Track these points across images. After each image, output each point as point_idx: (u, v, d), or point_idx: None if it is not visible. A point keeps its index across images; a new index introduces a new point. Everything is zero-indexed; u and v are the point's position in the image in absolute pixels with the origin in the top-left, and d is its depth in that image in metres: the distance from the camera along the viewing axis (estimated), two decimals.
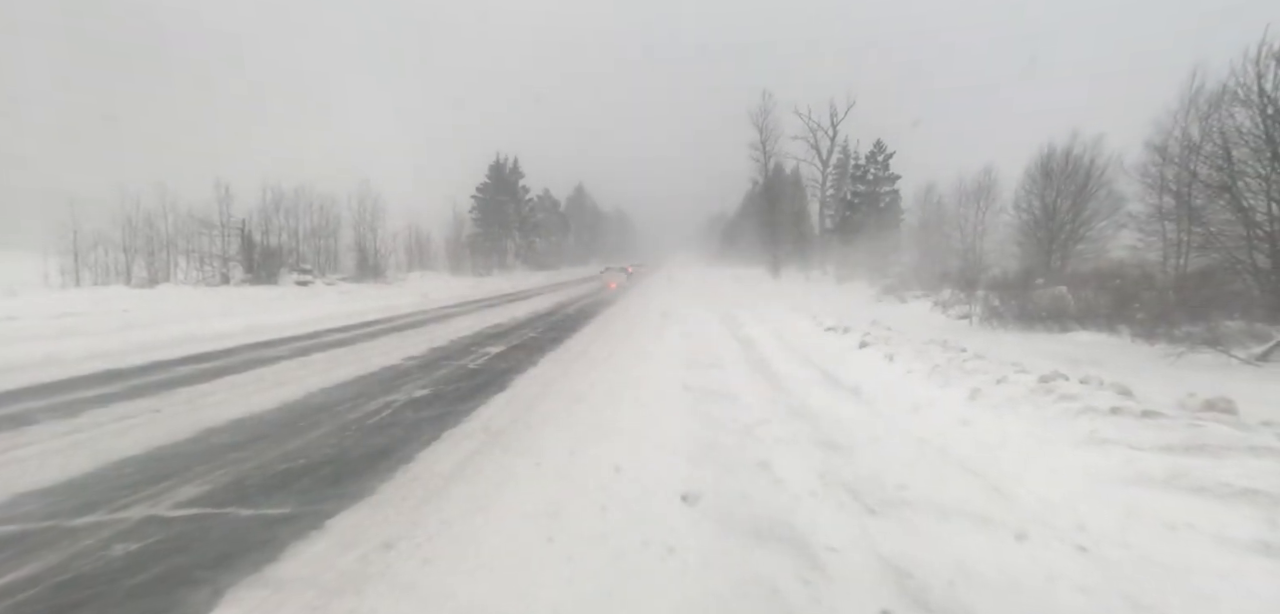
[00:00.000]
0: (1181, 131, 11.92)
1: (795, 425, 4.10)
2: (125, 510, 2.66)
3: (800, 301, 15.08)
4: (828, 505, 2.75)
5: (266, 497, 2.84)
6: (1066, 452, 3.18)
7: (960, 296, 11.94)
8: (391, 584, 2.06)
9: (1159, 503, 2.56)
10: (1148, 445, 2.97)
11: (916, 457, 3.42)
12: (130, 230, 20.49)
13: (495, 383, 5.57)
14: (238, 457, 3.40)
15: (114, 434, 3.81)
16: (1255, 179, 8.04)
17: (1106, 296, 8.57)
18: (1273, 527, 2.27)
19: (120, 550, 2.31)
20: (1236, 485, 2.49)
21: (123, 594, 2.03)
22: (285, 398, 4.85)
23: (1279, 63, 7.88)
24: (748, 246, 45.55)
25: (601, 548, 2.30)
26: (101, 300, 13.58)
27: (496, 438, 3.80)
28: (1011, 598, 1.98)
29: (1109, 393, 3.72)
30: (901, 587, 2.06)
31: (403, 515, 2.62)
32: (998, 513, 2.62)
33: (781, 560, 2.23)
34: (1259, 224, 7.89)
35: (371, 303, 15.69)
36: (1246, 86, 8.20)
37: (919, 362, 5.62)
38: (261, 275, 21.92)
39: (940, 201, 23.85)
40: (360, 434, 3.88)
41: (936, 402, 4.50)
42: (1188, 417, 3.24)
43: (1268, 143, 7.83)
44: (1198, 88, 11.78)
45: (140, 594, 2.03)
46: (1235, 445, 2.78)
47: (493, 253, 45.28)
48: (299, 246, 25.93)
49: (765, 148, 32.82)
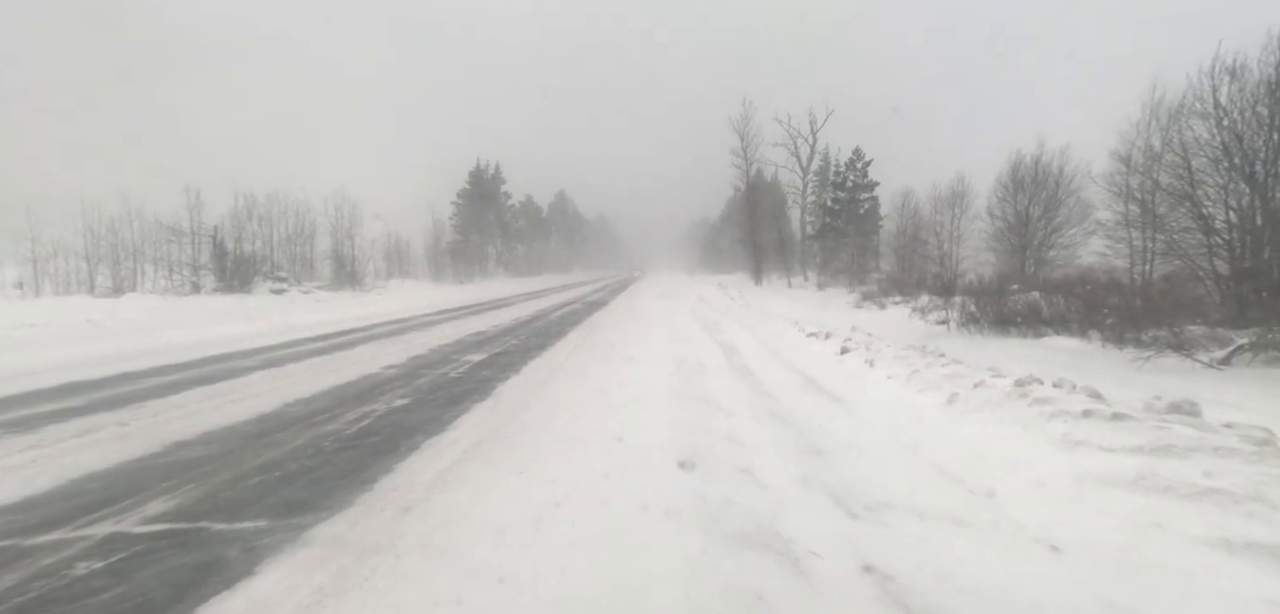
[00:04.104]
0: (1144, 142, 12.39)
1: (778, 431, 4.13)
2: (89, 528, 2.56)
3: (782, 309, 15.23)
4: (810, 510, 2.77)
5: (240, 511, 2.76)
6: (1041, 454, 3.26)
7: (938, 302, 12.17)
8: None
9: (1128, 503, 2.64)
10: (1118, 447, 3.06)
11: (897, 460, 3.47)
12: (93, 238, 19.87)
13: (478, 390, 5.50)
14: (209, 471, 3.30)
15: (77, 449, 3.67)
16: (1214, 188, 8.40)
17: (1077, 303, 8.83)
18: (1233, 525, 2.35)
19: (83, 569, 2.22)
20: (1200, 485, 2.58)
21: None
22: (260, 409, 4.72)
23: (1232, 76, 8.25)
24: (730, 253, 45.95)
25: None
26: (63, 311, 13.10)
27: (478, 448, 3.75)
28: (988, 598, 2.02)
29: (1081, 396, 3.82)
30: (883, 590, 2.08)
31: (383, 528, 2.57)
32: (975, 515, 2.67)
33: (765, 565, 2.24)
34: (1218, 232, 8.22)
35: (349, 311, 15.40)
36: (1203, 99, 8.57)
37: (899, 367, 5.72)
38: (234, 284, 21.40)
39: (917, 209, 24.32)
40: (337, 446, 3.79)
41: (916, 406, 4.58)
42: (1155, 419, 3.35)
43: (1225, 153, 8.19)
44: (1158, 99, 12.26)
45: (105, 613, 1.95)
46: (1199, 446, 2.88)
47: (474, 260, 44.88)
48: (273, 254, 25.39)
49: (746, 155, 33.21)
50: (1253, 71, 8.10)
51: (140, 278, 20.71)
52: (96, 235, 19.92)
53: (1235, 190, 8.17)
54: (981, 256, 20.15)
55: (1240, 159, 8.01)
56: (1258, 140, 7.89)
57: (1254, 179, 7.87)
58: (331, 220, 28.74)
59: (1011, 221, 18.30)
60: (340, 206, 29.03)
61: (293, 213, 26.38)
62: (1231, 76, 8.29)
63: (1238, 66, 8.25)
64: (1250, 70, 8.13)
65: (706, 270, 55.27)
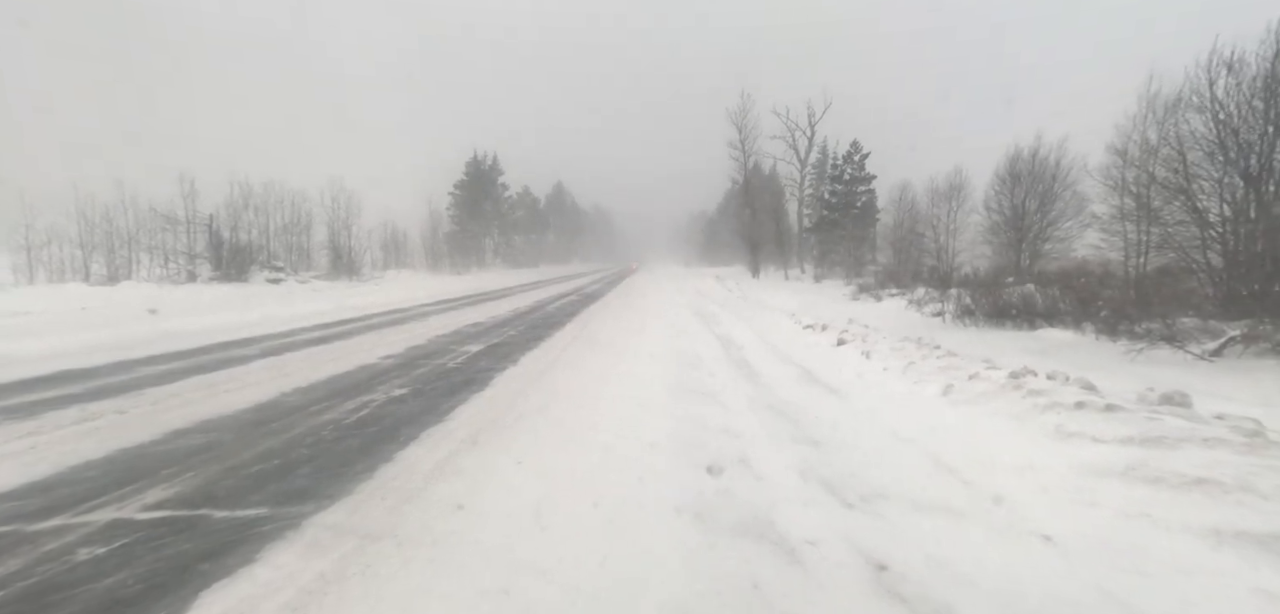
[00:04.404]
0: (1140, 135, 12.42)
1: (775, 423, 4.16)
2: (91, 514, 2.57)
3: (779, 301, 15.27)
4: (806, 501, 2.80)
5: (240, 499, 2.77)
6: (1035, 445, 3.30)
7: (934, 295, 12.23)
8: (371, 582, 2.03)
9: (1119, 493, 2.68)
10: (1109, 438, 3.10)
11: (892, 451, 3.50)
12: (87, 226, 19.73)
13: (477, 381, 5.51)
14: (208, 459, 3.31)
15: (77, 436, 3.67)
16: (1209, 182, 8.43)
17: (1072, 296, 8.88)
18: (1223, 514, 2.39)
19: (86, 555, 2.23)
20: (1190, 475, 2.62)
21: (90, 601, 1.96)
22: (258, 398, 4.73)
23: (1229, 70, 8.26)
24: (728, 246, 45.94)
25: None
26: (58, 298, 13.03)
27: (475, 438, 3.77)
28: (981, 587, 2.05)
29: (1074, 388, 3.86)
30: (877, 579, 2.11)
31: (383, 516, 2.59)
32: (969, 506, 2.71)
33: (762, 554, 2.27)
34: (1212, 225, 8.27)
35: (346, 301, 15.36)
36: (1200, 93, 8.58)
37: (895, 359, 5.76)
38: (231, 273, 21.30)
39: (914, 202, 24.35)
40: (336, 435, 3.80)
41: (911, 397, 4.62)
42: (1146, 410, 3.39)
43: (1220, 147, 8.21)
44: (1155, 93, 12.27)
45: (109, 598, 1.96)
46: (1190, 437, 2.92)
47: (471, 251, 44.74)
48: (270, 243, 25.25)
49: (744, 147, 33.08)
50: (1250, 65, 8.11)
51: (135, 266, 20.59)
52: (91, 223, 19.79)
53: (1230, 184, 8.21)
54: (978, 249, 20.21)
55: (1235, 152, 8.04)
56: (1253, 134, 7.92)
57: (1248, 173, 7.91)
58: (328, 211, 28.58)
59: (1008, 215, 18.34)
60: (337, 197, 28.86)
61: (289, 203, 26.20)
62: (1228, 70, 8.29)
63: (1235, 60, 8.25)
64: (1248, 64, 8.13)
65: (704, 263, 55.29)
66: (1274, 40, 7.85)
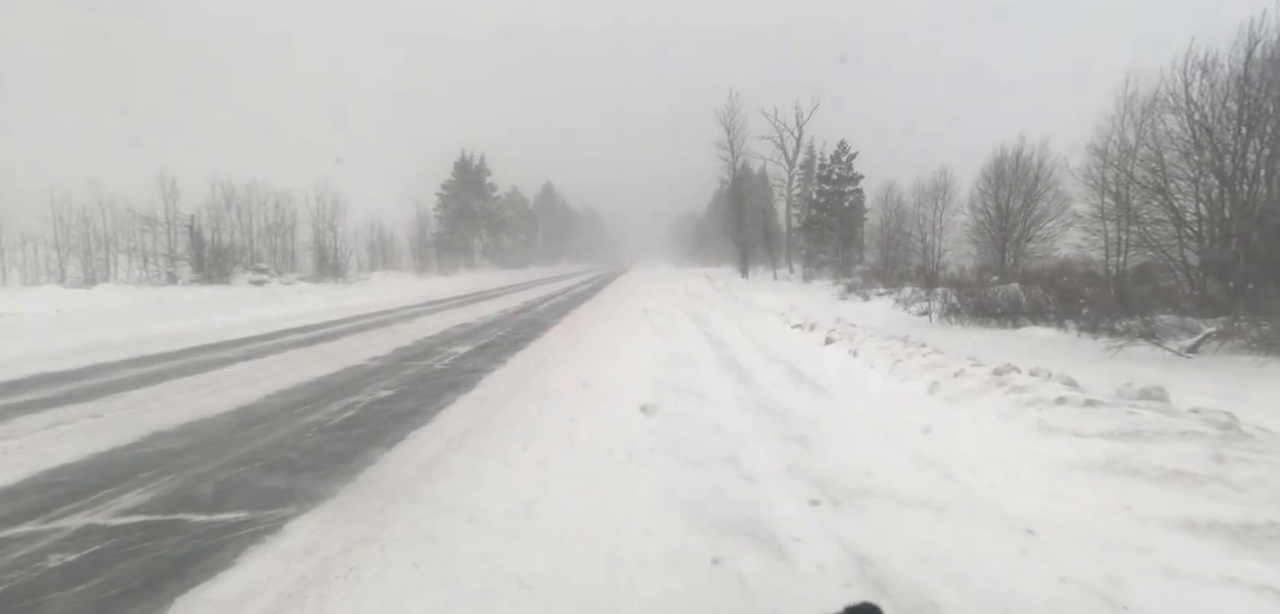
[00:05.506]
0: (1119, 136, 12.64)
1: (763, 421, 4.18)
2: (62, 519, 2.51)
3: (768, 300, 15.34)
4: (793, 497, 2.81)
5: (220, 503, 2.72)
6: (1017, 440, 3.35)
7: (920, 294, 12.35)
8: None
9: (1099, 485, 2.72)
10: (1090, 432, 3.16)
11: (878, 448, 3.53)
12: (62, 228, 19.31)
13: (463, 383, 5.47)
14: (188, 461, 3.24)
15: (51, 440, 3.58)
16: (1185, 181, 8.61)
17: (1055, 294, 9.02)
18: (1197, 505, 2.44)
19: (57, 561, 2.18)
20: (1166, 468, 2.67)
21: (60, 609, 1.91)
22: (240, 401, 4.65)
23: (1204, 71, 8.45)
24: (717, 246, 46.06)
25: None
26: (32, 301, 12.72)
27: (463, 439, 3.74)
28: (964, 579, 2.07)
29: (1056, 384, 3.92)
30: (862, 572, 2.13)
31: (367, 518, 2.55)
32: (953, 500, 2.73)
33: (749, 550, 2.28)
34: (1188, 224, 8.45)
35: (332, 303, 15.18)
36: (1176, 94, 8.76)
37: (881, 357, 5.81)
38: (213, 274, 20.95)
39: (900, 201, 24.57)
40: (320, 438, 3.75)
41: (898, 395, 4.66)
42: (1126, 405, 3.45)
43: (1196, 147, 8.39)
44: (1131, 94, 12.49)
45: (81, 604, 1.91)
46: (1166, 431, 2.98)
47: (459, 251, 44.42)
48: (253, 245, 24.88)
49: (733, 148, 33.19)
50: (1223, 67, 8.30)
51: (113, 268, 20.17)
52: (66, 224, 19.36)
53: (1205, 183, 8.39)
54: (963, 249, 20.42)
55: (1210, 152, 8.22)
56: (1227, 134, 8.10)
57: (1223, 172, 8.09)
58: (313, 211, 28.20)
59: (992, 214, 18.57)
60: (322, 197, 28.49)
61: (273, 203, 25.82)
62: (1202, 71, 8.48)
63: (1209, 61, 8.44)
64: (1221, 65, 8.32)
65: (694, 263, 55.38)
66: (1246, 41, 8.04)
